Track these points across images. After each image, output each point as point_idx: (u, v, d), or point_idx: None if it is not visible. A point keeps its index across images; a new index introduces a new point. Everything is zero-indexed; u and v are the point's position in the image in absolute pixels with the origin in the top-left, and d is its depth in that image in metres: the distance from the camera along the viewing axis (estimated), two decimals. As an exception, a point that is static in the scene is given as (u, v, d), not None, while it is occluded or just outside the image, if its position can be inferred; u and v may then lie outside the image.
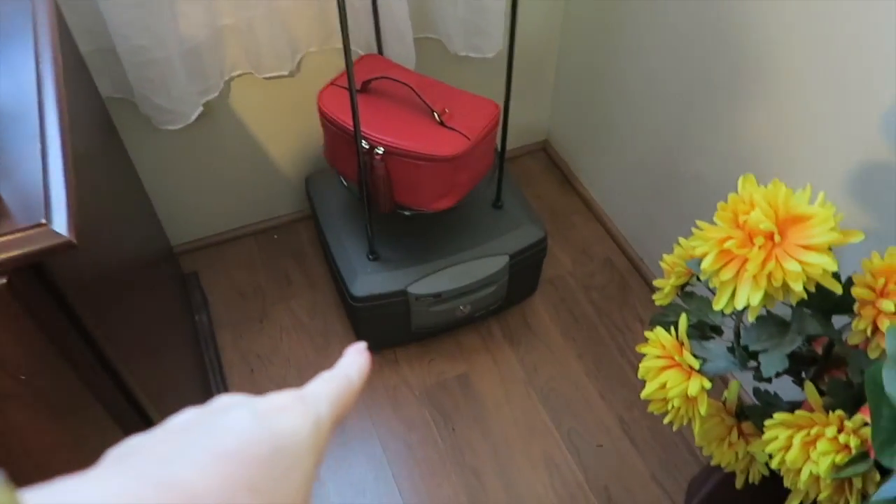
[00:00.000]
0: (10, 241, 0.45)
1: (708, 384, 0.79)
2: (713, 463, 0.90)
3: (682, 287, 0.96)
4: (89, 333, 0.56)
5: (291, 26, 1.24)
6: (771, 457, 0.73)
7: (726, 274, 0.70)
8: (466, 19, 1.31)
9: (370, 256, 1.25)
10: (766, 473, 0.86)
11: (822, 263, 0.65)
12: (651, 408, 0.85)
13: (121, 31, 1.05)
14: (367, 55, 1.23)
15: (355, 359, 0.33)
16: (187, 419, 0.25)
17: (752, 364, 0.79)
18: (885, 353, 0.62)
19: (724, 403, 0.90)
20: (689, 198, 1.29)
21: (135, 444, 0.24)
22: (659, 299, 0.95)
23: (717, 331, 0.91)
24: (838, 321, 0.77)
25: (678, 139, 1.26)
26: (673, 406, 0.82)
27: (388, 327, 1.33)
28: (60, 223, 0.46)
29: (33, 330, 0.50)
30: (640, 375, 0.86)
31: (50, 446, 0.58)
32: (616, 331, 1.43)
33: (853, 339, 0.72)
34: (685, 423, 0.83)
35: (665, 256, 0.94)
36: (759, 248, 0.68)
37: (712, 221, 0.74)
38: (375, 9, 1.21)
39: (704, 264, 0.71)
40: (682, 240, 0.90)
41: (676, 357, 0.81)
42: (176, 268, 1.38)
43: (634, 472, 1.22)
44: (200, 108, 1.22)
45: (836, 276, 0.73)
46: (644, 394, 0.83)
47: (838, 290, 0.69)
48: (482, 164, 1.17)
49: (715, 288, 0.72)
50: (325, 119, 1.13)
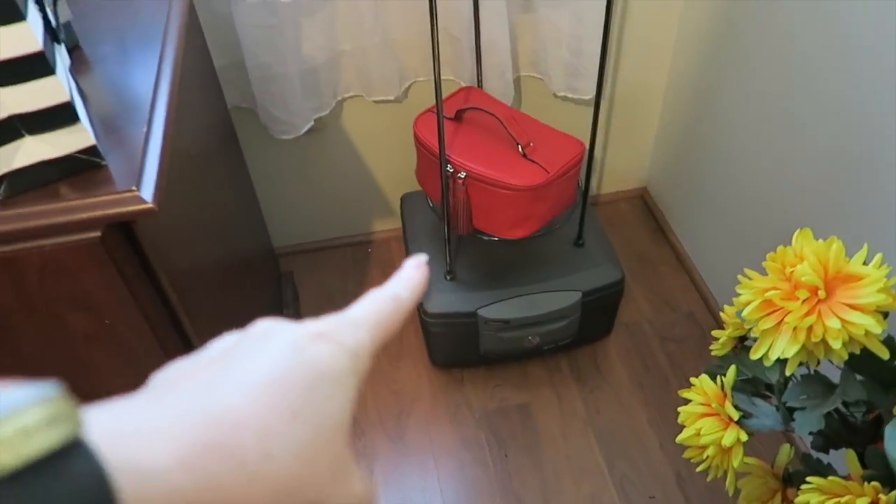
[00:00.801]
0: (106, 202, 0.55)
1: (745, 437, 0.77)
2: (751, 524, 0.87)
3: (743, 340, 0.94)
4: (165, 294, 0.65)
5: (402, 56, 1.35)
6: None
7: (767, 324, 0.70)
8: (567, 61, 1.36)
9: (447, 276, 1.32)
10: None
11: (866, 324, 0.64)
12: (686, 454, 0.84)
13: (251, 48, 1.19)
14: (467, 87, 1.31)
15: (410, 275, 0.31)
16: (228, 345, 0.26)
17: (793, 423, 0.76)
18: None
19: (772, 466, 0.88)
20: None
21: (179, 369, 0.24)
22: (715, 350, 0.94)
23: (773, 390, 0.89)
24: None
25: (776, 201, 1.23)
26: (708, 455, 0.81)
27: (457, 347, 1.37)
28: (147, 192, 0.56)
29: (119, 280, 0.60)
30: (679, 420, 0.85)
31: (123, 388, 0.67)
32: (687, 385, 1.39)
33: (898, 411, 0.69)
34: (719, 474, 0.82)
35: (725, 307, 0.93)
36: (803, 301, 0.68)
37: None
38: (478, 45, 1.29)
39: (746, 312, 0.71)
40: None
41: (714, 405, 0.80)
42: (274, 266, 1.51)
43: (684, 531, 1.19)
44: (311, 122, 1.35)
45: (888, 341, 0.71)
46: (679, 438, 0.82)
47: (884, 354, 0.67)
48: (562, 199, 1.20)
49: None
50: (417, 142, 1.21)
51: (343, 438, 0.25)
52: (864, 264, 0.69)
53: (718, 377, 0.84)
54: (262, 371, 0.24)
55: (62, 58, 0.58)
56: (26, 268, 0.56)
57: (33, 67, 0.49)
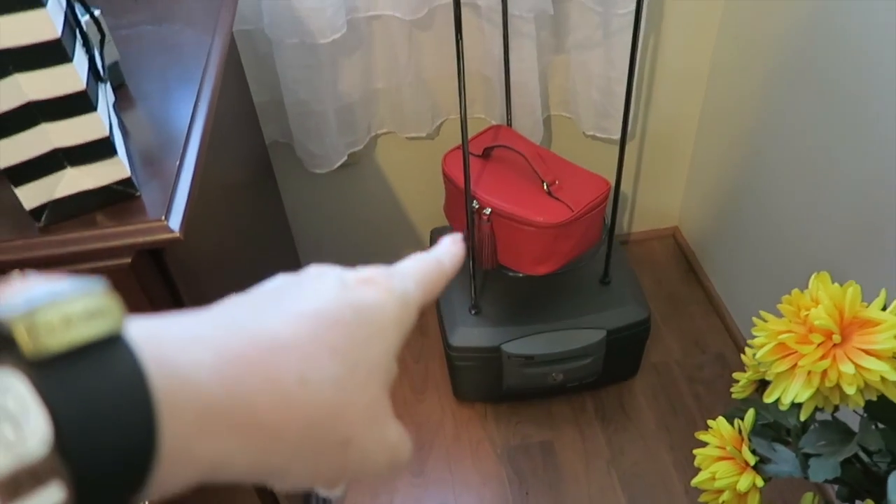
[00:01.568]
0: (136, 230, 0.59)
1: (761, 482, 0.76)
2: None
3: (764, 383, 0.93)
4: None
5: (435, 94, 1.39)
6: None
7: (781, 367, 0.69)
8: (598, 101, 1.38)
9: (472, 310, 1.33)
10: None
11: (881, 370, 0.63)
12: (702, 498, 0.83)
13: (290, 86, 1.25)
14: (497, 126, 1.34)
15: (450, 247, 0.32)
16: (279, 283, 0.26)
17: (809, 470, 0.75)
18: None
19: (793, 514, 0.86)
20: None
21: (229, 301, 0.25)
22: (736, 393, 0.93)
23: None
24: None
25: (809, 243, 1.22)
26: (724, 500, 0.79)
27: (481, 381, 1.38)
28: (175, 222, 0.59)
29: (146, 304, 0.63)
30: (696, 463, 0.84)
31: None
32: (715, 428, 1.37)
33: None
34: (736, 520, 0.80)
35: (746, 349, 0.92)
36: (818, 345, 0.67)
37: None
38: (508, 85, 1.32)
39: (760, 354, 0.71)
40: (761, 333, 0.89)
41: (729, 449, 0.79)
42: (305, 295, 1.54)
43: (708, 579, 1.15)
44: (345, 157, 1.39)
45: (907, 389, 0.69)
46: (694, 481, 0.81)
47: (901, 402, 0.65)
48: (587, 237, 1.21)
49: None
50: (445, 178, 1.24)
51: (380, 384, 0.25)
52: (882, 310, 0.69)
53: (736, 420, 0.83)
54: (308, 304, 0.24)
55: (105, 95, 0.62)
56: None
57: (77, 105, 0.53)
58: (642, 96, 1.49)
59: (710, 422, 0.86)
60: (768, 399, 0.70)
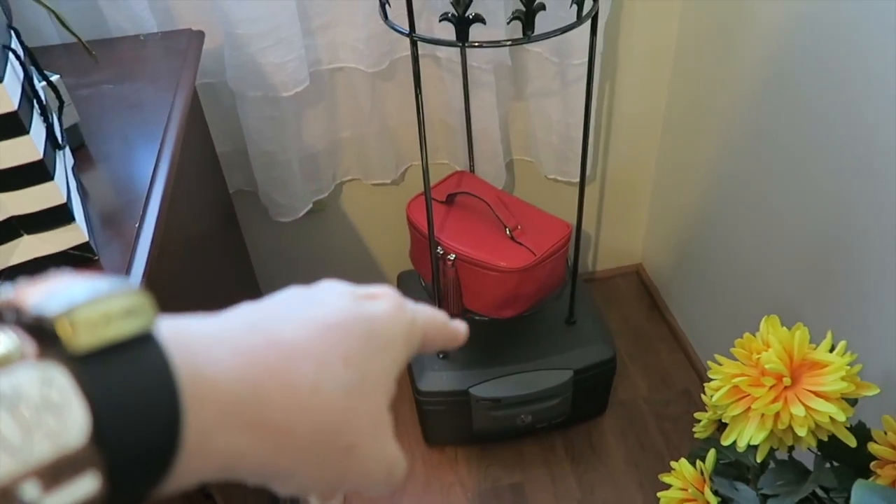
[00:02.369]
0: (95, 295, 0.59)
1: (723, 524, 0.77)
2: None
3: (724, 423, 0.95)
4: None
5: (399, 142, 1.41)
6: None
7: (735, 410, 0.71)
8: (557, 146, 1.42)
9: (440, 355, 1.33)
10: None
11: (829, 412, 0.65)
12: (668, 540, 0.84)
13: (254, 137, 1.26)
14: (461, 172, 1.36)
15: (460, 324, 0.34)
16: (292, 292, 0.27)
17: (770, 510, 0.76)
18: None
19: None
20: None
21: (246, 307, 0.26)
22: (698, 432, 0.95)
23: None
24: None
25: (766, 279, 1.25)
26: (688, 542, 0.80)
27: (450, 425, 1.38)
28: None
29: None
30: (660, 505, 0.85)
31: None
32: (683, 465, 1.38)
33: (871, 499, 0.69)
34: (701, 562, 0.81)
35: (706, 387, 0.94)
36: (770, 388, 0.69)
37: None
38: (470, 133, 1.35)
39: (715, 398, 0.73)
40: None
41: (692, 491, 0.80)
42: (273, 342, 1.53)
43: None
44: (310, 205, 1.40)
45: (858, 427, 0.72)
46: (660, 524, 0.82)
47: (851, 442, 0.68)
48: (550, 279, 1.23)
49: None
50: (410, 224, 1.26)
51: (385, 397, 0.27)
52: (830, 351, 0.71)
53: (698, 462, 0.85)
54: (322, 314, 0.26)
55: (64, 161, 0.63)
56: (18, 356, 0.60)
57: (33, 174, 0.54)
58: (601, 140, 1.53)
59: (672, 463, 0.87)
60: (725, 442, 0.72)
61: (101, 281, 0.20)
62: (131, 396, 0.19)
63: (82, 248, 0.60)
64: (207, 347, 0.22)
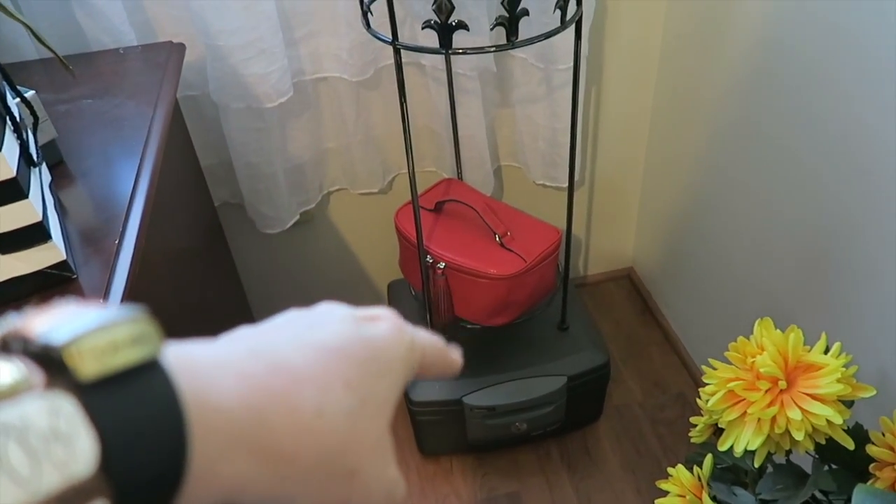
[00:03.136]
0: (73, 315, 0.57)
1: (722, 530, 0.76)
2: None
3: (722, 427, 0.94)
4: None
5: (385, 151, 1.40)
6: None
7: (731, 415, 0.70)
8: (545, 151, 1.41)
9: (432, 364, 1.32)
10: None
11: (826, 415, 0.65)
12: (667, 548, 0.82)
13: (238, 149, 1.25)
14: (448, 179, 1.35)
15: (456, 353, 0.33)
16: (291, 316, 0.27)
17: (768, 515, 0.75)
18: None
19: (757, 558, 0.86)
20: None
21: (247, 330, 0.26)
22: (694, 437, 0.94)
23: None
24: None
25: (757, 280, 1.25)
26: (688, 549, 0.79)
27: (445, 435, 1.36)
28: (113, 305, 0.58)
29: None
30: (658, 513, 0.84)
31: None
32: (680, 469, 1.37)
33: (870, 502, 0.68)
34: (701, 569, 0.80)
35: (701, 392, 0.93)
36: (765, 392, 0.69)
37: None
38: (457, 140, 1.34)
39: (711, 403, 0.72)
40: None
41: (689, 497, 0.79)
42: (263, 356, 1.51)
43: None
44: (297, 216, 1.39)
45: (855, 429, 0.71)
46: (658, 532, 0.81)
47: (849, 444, 0.67)
48: (541, 285, 1.22)
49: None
50: (399, 233, 1.25)
51: (386, 419, 0.26)
52: (825, 353, 0.71)
53: (695, 467, 0.84)
54: (323, 338, 0.26)
55: (40, 178, 0.61)
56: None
57: (7, 192, 0.52)
58: (588, 144, 1.53)
59: (669, 469, 0.86)
60: (722, 447, 0.71)
61: (108, 309, 0.20)
62: (139, 425, 0.19)
63: (60, 267, 0.58)
64: (212, 374, 0.22)
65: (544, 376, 1.30)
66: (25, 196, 0.53)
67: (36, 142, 0.63)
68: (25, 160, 0.57)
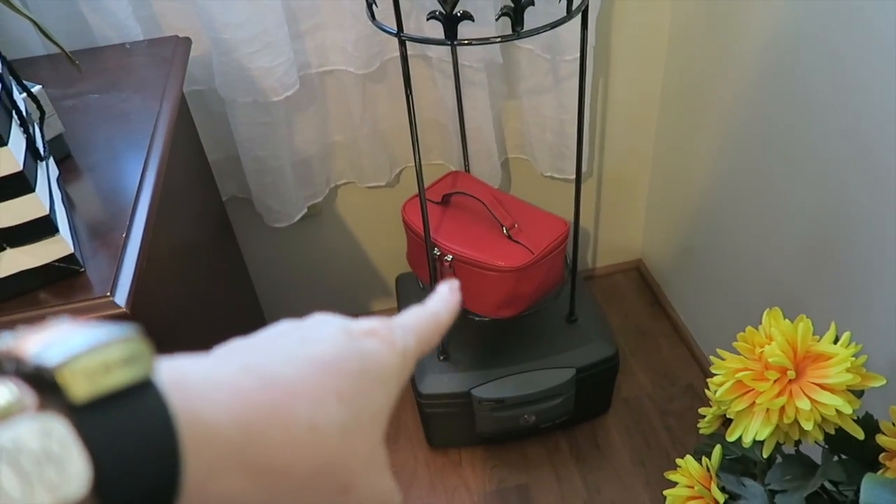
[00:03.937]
0: (81, 308, 0.57)
1: (731, 521, 0.76)
2: None
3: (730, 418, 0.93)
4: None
5: (392, 144, 1.40)
6: None
7: (740, 405, 0.70)
8: (552, 143, 1.40)
9: (440, 357, 1.32)
10: None
11: (835, 404, 0.64)
12: (675, 539, 0.82)
13: (245, 143, 1.25)
14: (455, 172, 1.35)
15: (446, 297, 0.33)
16: (284, 328, 0.27)
17: (778, 505, 0.75)
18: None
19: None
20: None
21: (239, 344, 0.26)
22: (703, 428, 0.93)
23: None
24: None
25: (767, 271, 1.24)
26: (696, 540, 0.79)
27: (453, 427, 1.37)
28: (121, 297, 0.58)
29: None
30: (667, 504, 0.84)
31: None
32: (689, 461, 1.36)
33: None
34: (710, 560, 0.80)
35: (710, 382, 0.93)
36: (774, 382, 0.68)
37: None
38: (463, 132, 1.34)
39: (719, 393, 0.72)
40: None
41: (698, 488, 0.79)
42: (272, 350, 1.52)
43: None
44: (304, 210, 1.39)
45: (865, 419, 0.70)
46: (667, 523, 0.81)
47: (858, 434, 0.66)
48: (549, 278, 1.22)
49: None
50: (406, 226, 1.25)
51: (379, 433, 0.27)
52: (834, 343, 0.70)
53: (704, 458, 0.83)
54: (316, 352, 0.25)
55: (47, 172, 0.61)
56: (5, 373, 0.58)
57: (14, 186, 0.53)
58: (596, 136, 1.52)
59: (678, 460, 0.86)
60: (731, 437, 0.71)
61: (100, 329, 0.20)
62: (132, 445, 0.19)
63: (67, 261, 0.59)
64: (204, 389, 0.22)
65: (553, 368, 1.30)
66: (32, 190, 0.54)
67: (42, 136, 0.63)
68: (32, 154, 0.57)
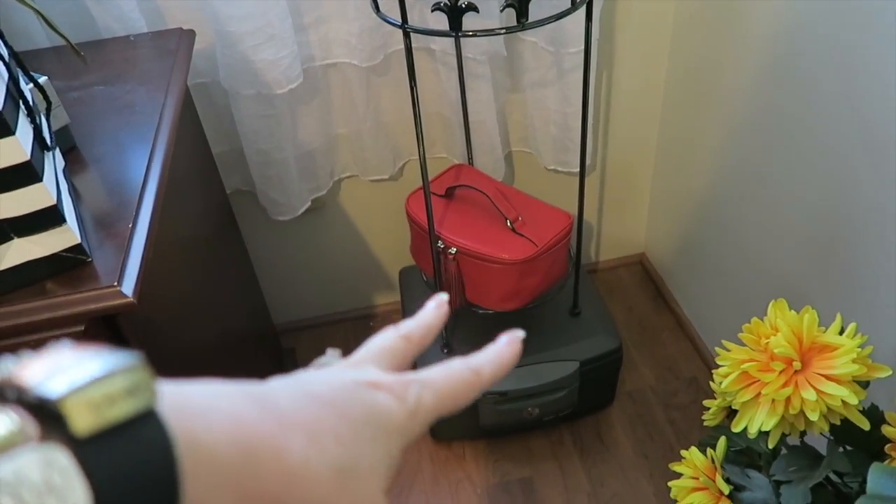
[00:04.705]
0: (88, 297, 0.58)
1: (735, 512, 0.76)
2: None
3: (734, 410, 0.93)
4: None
5: (396, 137, 1.40)
6: None
7: (745, 396, 0.70)
8: (556, 137, 1.40)
9: (444, 349, 1.32)
10: None
11: (841, 395, 0.64)
12: (680, 530, 0.82)
13: (249, 136, 1.25)
14: (459, 165, 1.35)
15: (501, 352, 0.32)
16: (297, 373, 0.28)
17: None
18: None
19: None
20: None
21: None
22: (708, 420, 0.94)
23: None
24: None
25: (771, 264, 1.24)
26: (701, 531, 0.79)
27: (457, 420, 1.37)
28: (128, 287, 0.58)
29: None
30: (671, 495, 0.84)
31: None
32: (693, 454, 1.37)
33: (885, 482, 0.68)
34: (714, 551, 0.80)
35: (715, 374, 0.93)
36: (780, 373, 0.68)
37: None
38: (467, 125, 1.34)
39: (724, 384, 0.72)
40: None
41: (703, 479, 0.79)
42: (275, 343, 1.52)
43: None
44: (308, 203, 1.39)
45: (871, 410, 0.71)
46: (671, 514, 0.81)
47: (864, 425, 0.66)
48: (553, 271, 1.22)
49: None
50: (410, 219, 1.25)
51: (378, 485, 0.26)
52: (839, 334, 0.70)
53: (709, 450, 0.83)
54: (319, 391, 0.26)
55: (53, 162, 0.61)
56: (13, 362, 0.59)
57: (21, 176, 0.53)
58: (599, 129, 1.52)
59: (682, 452, 0.86)
60: (736, 428, 0.71)
61: (103, 356, 0.20)
62: (133, 476, 0.19)
63: (74, 251, 0.59)
64: (204, 413, 0.22)
65: (556, 361, 1.30)
66: (40, 179, 0.54)
67: (49, 126, 0.63)
68: (39, 144, 0.57)
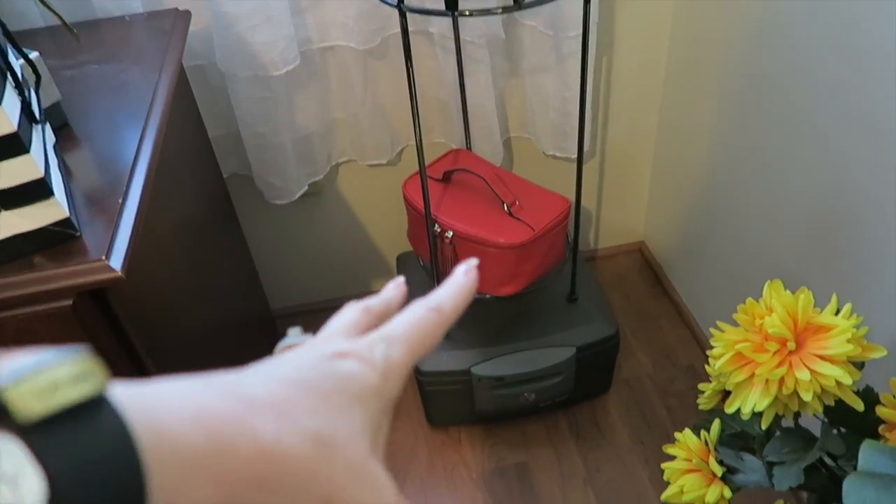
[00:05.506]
0: (76, 271, 0.57)
1: (729, 493, 0.76)
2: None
3: (728, 393, 0.93)
4: (140, 359, 0.67)
5: (393, 122, 1.39)
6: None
7: (739, 376, 0.70)
8: (555, 122, 1.39)
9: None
10: None
11: (835, 375, 0.64)
12: (672, 512, 0.82)
13: (246, 119, 1.24)
14: (457, 150, 1.34)
15: (459, 282, 0.31)
16: (261, 362, 0.28)
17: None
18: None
19: (764, 524, 0.85)
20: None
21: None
22: (702, 403, 0.93)
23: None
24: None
25: (770, 252, 1.23)
26: (693, 513, 0.79)
27: (453, 406, 1.37)
28: (117, 262, 0.58)
29: (90, 347, 0.61)
30: (665, 477, 0.84)
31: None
32: (689, 441, 1.36)
33: (878, 463, 0.68)
34: (706, 533, 0.80)
35: (709, 354, 0.93)
36: (774, 353, 0.68)
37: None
38: (465, 109, 1.33)
39: (718, 365, 0.71)
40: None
41: (696, 461, 0.79)
42: (271, 328, 1.52)
43: None
44: (305, 187, 1.38)
45: (865, 392, 0.70)
46: (664, 496, 0.81)
47: (858, 406, 0.66)
48: (550, 255, 1.21)
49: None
50: (407, 203, 1.24)
51: (365, 447, 0.26)
52: (835, 314, 0.69)
53: (702, 432, 0.83)
54: (285, 371, 0.26)
55: (42, 136, 0.61)
56: (1, 336, 0.58)
57: (8, 147, 0.52)
58: (599, 115, 1.51)
59: (676, 434, 0.86)
60: (729, 409, 0.70)
61: (49, 352, 0.20)
62: (89, 460, 0.19)
63: (63, 225, 0.59)
64: (166, 403, 0.22)
65: (553, 347, 1.30)
66: (27, 151, 0.53)
67: (39, 100, 0.62)
68: (27, 117, 0.56)
